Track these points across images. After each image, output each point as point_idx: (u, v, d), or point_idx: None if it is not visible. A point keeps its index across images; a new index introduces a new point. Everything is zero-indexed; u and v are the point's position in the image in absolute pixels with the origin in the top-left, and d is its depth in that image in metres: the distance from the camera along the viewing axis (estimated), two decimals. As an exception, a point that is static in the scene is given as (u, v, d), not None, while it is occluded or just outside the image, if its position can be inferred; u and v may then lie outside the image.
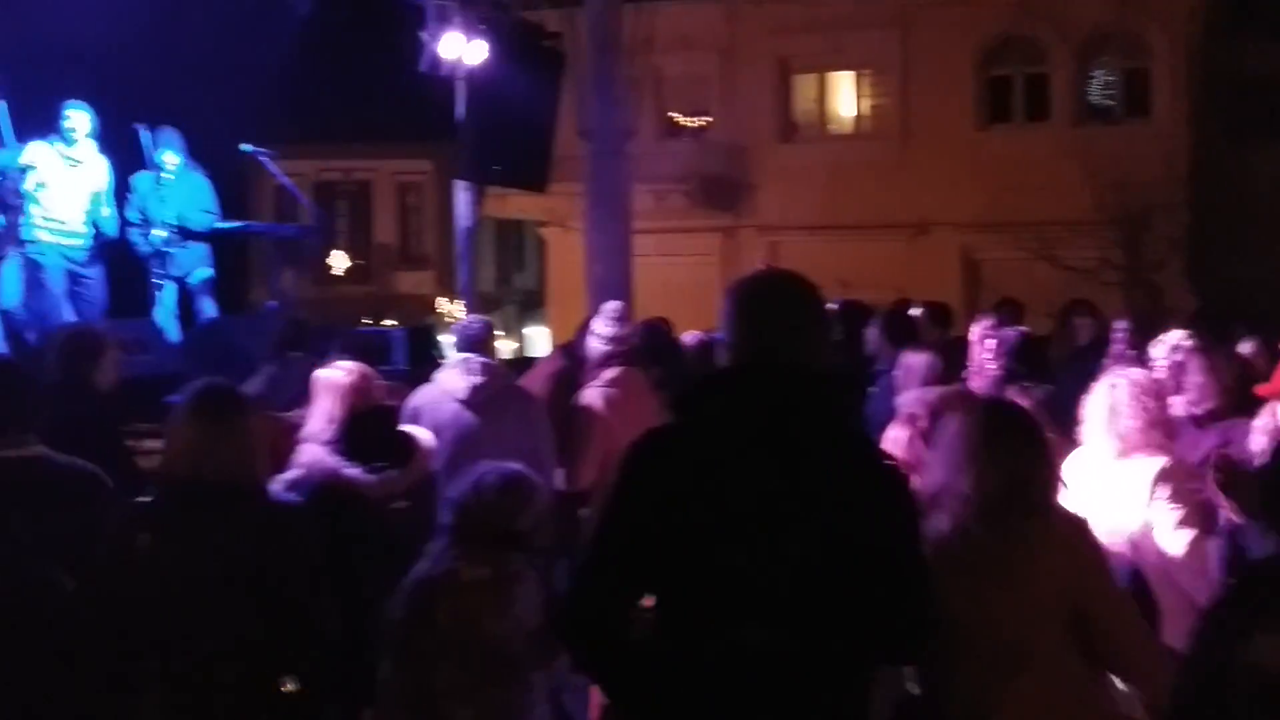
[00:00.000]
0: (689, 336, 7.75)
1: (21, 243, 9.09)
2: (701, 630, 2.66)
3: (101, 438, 5.09)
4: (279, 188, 12.43)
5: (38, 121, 9.20)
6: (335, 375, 4.99)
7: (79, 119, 9.11)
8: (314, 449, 4.79)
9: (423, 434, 5.21)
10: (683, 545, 2.65)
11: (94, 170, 9.24)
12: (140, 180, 9.78)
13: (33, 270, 9.15)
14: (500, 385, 5.81)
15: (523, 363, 8.15)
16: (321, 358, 5.97)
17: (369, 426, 4.95)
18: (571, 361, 6.96)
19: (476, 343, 5.82)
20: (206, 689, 3.54)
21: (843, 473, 2.71)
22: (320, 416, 4.89)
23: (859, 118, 22.48)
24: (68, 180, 9.09)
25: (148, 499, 3.72)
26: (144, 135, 9.84)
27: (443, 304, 29.38)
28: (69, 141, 9.07)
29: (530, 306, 30.36)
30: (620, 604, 2.72)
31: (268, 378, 5.85)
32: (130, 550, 3.60)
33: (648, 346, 6.52)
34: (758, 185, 22.01)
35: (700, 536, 2.65)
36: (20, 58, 9.09)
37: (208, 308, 10.37)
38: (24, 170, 8.98)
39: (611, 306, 6.33)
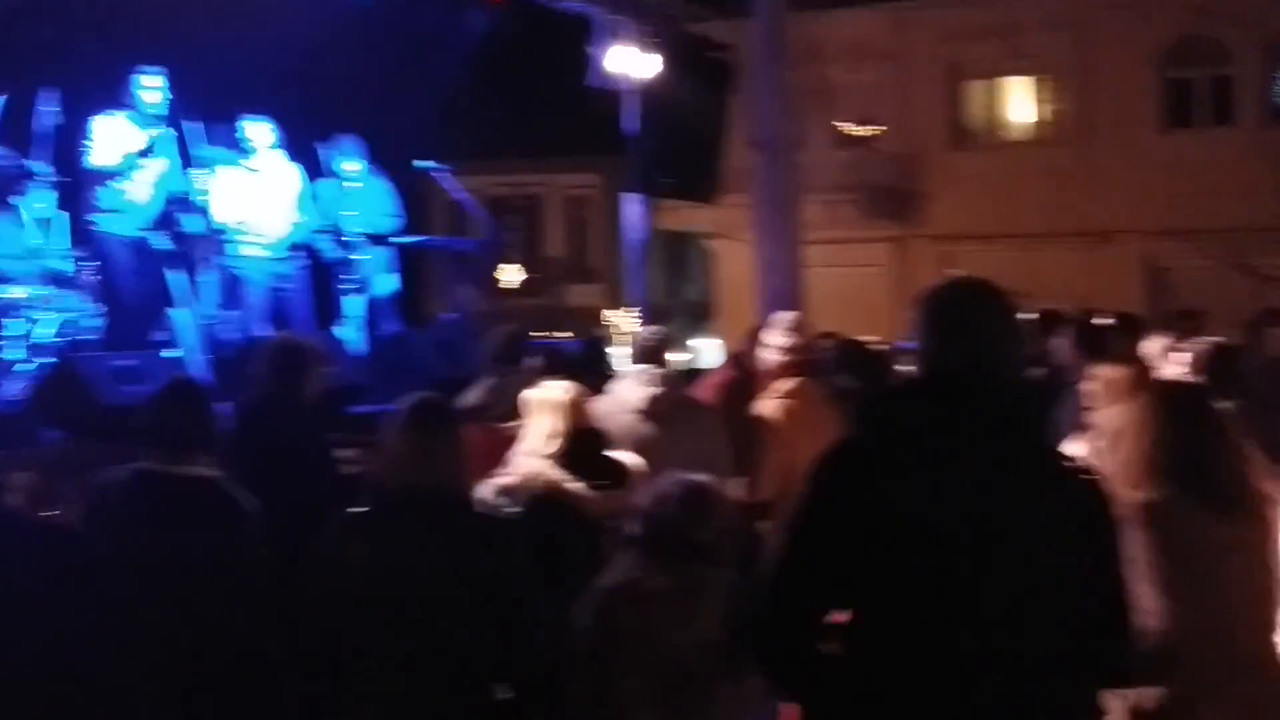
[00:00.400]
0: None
1: (219, 255, 9.48)
2: (901, 646, 2.59)
3: (312, 449, 5.26)
4: (453, 203, 12.70)
5: (224, 137, 9.59)
6: (554, 393, 5.06)
7: (256, 131, 9.44)
8: (535, 462, 4.88)
9: (629, 457, 5.23)
10: (879, 560, 2.59)
11: (281, 180, 9.56)
12: (324, 188, 10.07)
13: (230, 282, 9.52)
14: (677, 397, 5.81)
15: (692, 374, 8.16)
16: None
17: (589, 445, 5.04)
18: (741, 372, 6.93)
19: (653, 354, 5.83)
20: (420, 697, 3.59)
21: (1045, 487, 2.62)
22: (540, 432, 4.97)
23: (1034, 123, 21.95)
24: (255, 191, 9.42)
25: (361, 509, 3.78)
26: (321, 147, 10.14)
27: (611, 316, 29.61)
28: (248, 153, 9.43)
29: (698, 318, 30.35)
30: (810, 619, 2.66)
31: (487, 389, 5.93)
32: (345, 560, 3.68)
33: (844, 358, 6.44)
34: (929, 194, 21.66)
35: (898, 551, 2.58)
36: (204, 76, 9.46)
37: (390, 320, 10.64)
38: (207, 191, 9.40)
39: (786, 317, 6.29)
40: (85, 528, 4.01)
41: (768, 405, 5.97)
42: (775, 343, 6.12)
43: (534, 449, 4.91)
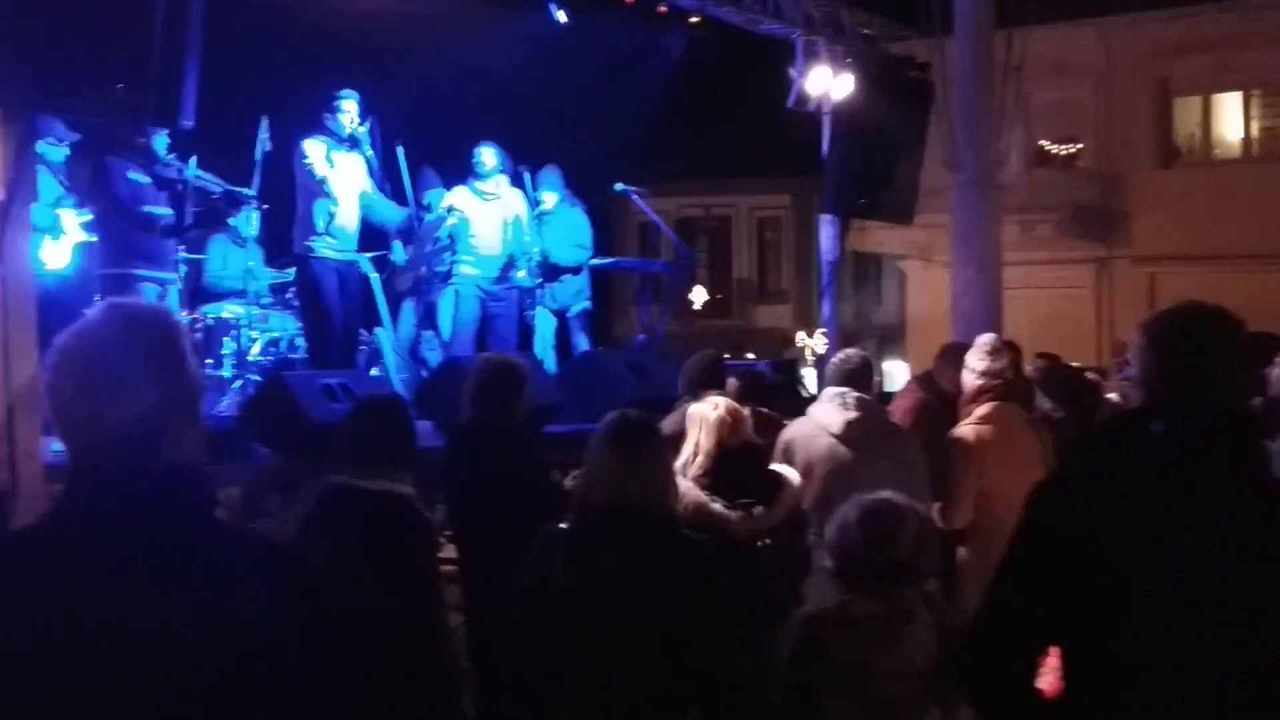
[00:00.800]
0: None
1: (448, 279, 9.76)
2: (1121, 688, 2.45)
3: (529, 466, 5.29)
4: (644, 224, 12.76)
5: (445, 164, 9.85)
6: (704, 409, 5.04)
7: (488, 155, 9.68)
8: (682, 482, 4.81)
9: (791, 473, 5.18)
10: (1097, 598, 2.46)
11: (509, 203, 9.77)
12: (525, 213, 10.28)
13: (456, 303, 9.80)
14: (876, 421, 5.68)
15: (883, 398, 7.99)
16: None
17: (738, 462, 4.98)
18: (931, 394, 6.75)
19: (853, 377, 5.70)
20: (618, 714, 3.59)
21: (1276, 523, 2.46)
22: (690, 449, 4.95)
23: (1247, 140, 21.03)
24: (486, 215, 9.65)
25: (563, 526, 3.81)
26: (526, 176, 10.34)
27: (801, 337, 29.41)
28: (483, 177, 9.65)
29: (888, 341, 29.95)
30: (1026, 657, 2.56)
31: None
32: (548, 576, 3.70)
33: (1050, 383, 6.22)
34: (1134, 214, 20.94)
35: (1119, 590, 2.44)
36: (420, 107, 9.73)
37: (582, 341, 10.73)
38: (446, 213, 9.68)
39: (986, 340, 6.08)
40: (291, 541, 4.09)
41: (965, 430, 5.82)
42: (974, 366, 5.94)
43: (682, 466, 4.87)
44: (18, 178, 5.84)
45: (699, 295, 31.31)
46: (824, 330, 13.81)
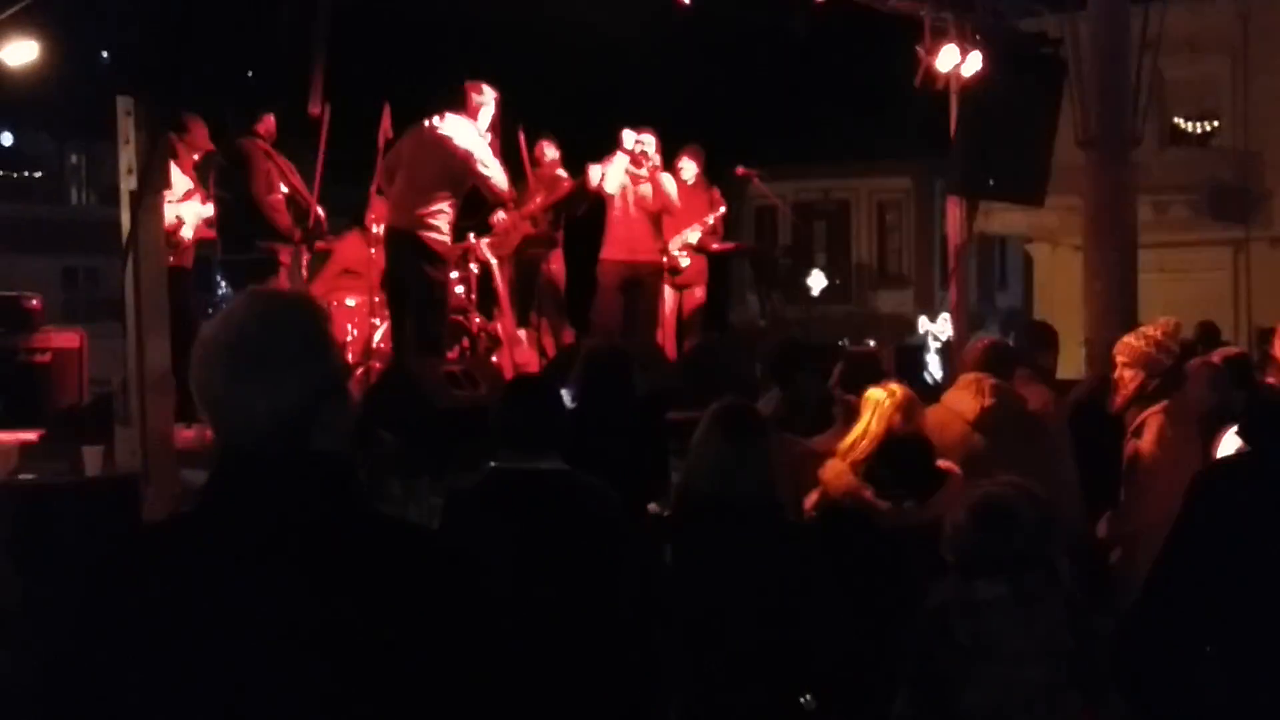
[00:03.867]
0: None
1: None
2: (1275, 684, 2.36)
3: (648, 448, 5.23)
4: (762, 208, 12.65)
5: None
6: (879, 394, 4.98)
7: (646, 139, 9.58)
8: (838, 465, 4.82)
9: (957, 472, 5.03)
10: (1261, 588, 2.38)
11: (662, 187, 9.68)
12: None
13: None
14: (1013, 409, 5.49)
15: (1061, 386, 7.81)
16: (821, 378, 5.90)
17: (904, 452, 4.91)
18: (1093, 386, 6.54)
19: (992, 362, 5.57)
20: (731, 702, 3.57)
21: None
22: (858, 431, 4.91)
23: (1391, 116, 20.20)
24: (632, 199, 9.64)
25: (667, 512, 3.80)
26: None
27: (923, 322, 28.97)
28: (636, 163, 9.60)
29: (1013, 326, 29.38)
30: (1184, 649, 2.48)
31: (772, 401, 5.82)
32: (655, 561, 3.67)
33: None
34: (1274, 193, 20.26)
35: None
36: (543, 89, 9.72)
37: (700, 327, 10.66)
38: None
39: (1159, 326, 5.77)
40: (442, 530, 4.05)
41: (1149, 434, 5.45)
42: (1152, 345, 5.60)
43: (842, 450, 4.84)
44: (150, 167, 5.91)
45: (817, 280, 31.02)
46: (948, 315, 13.51)
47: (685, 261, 10.38)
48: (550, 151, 10.30)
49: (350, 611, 1.75)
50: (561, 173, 10.25)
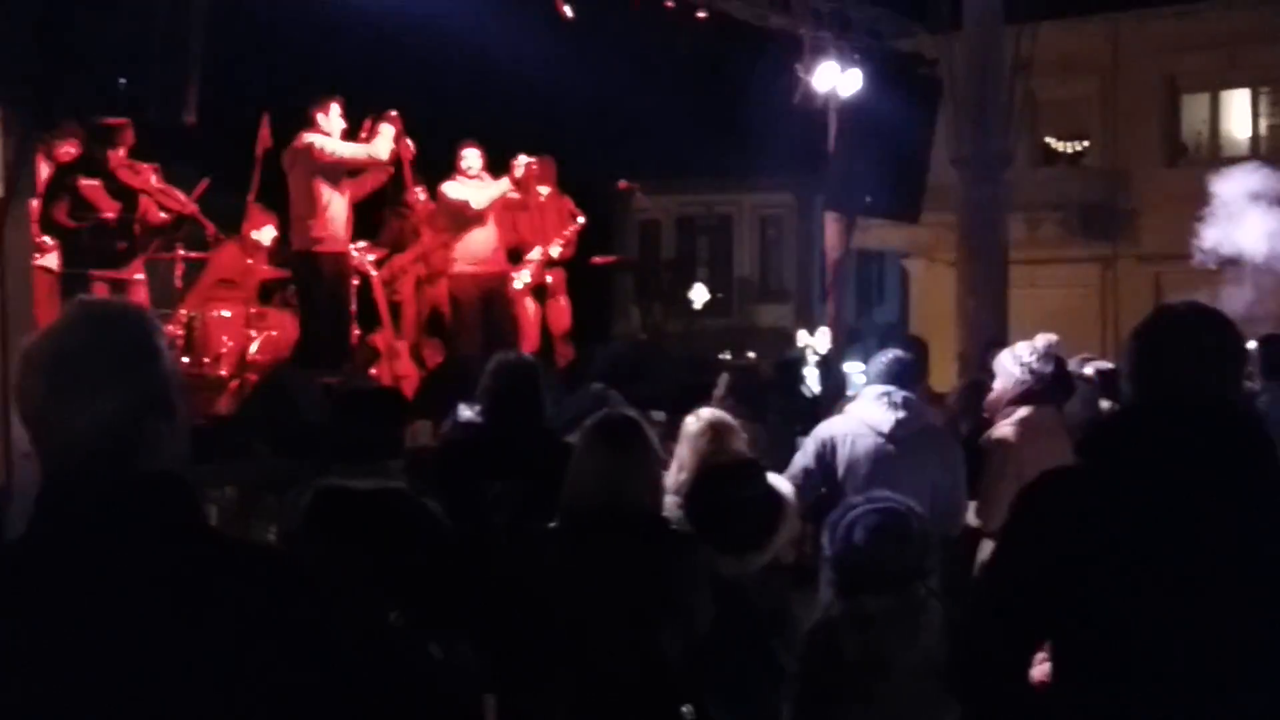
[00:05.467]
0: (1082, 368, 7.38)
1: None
2: (1111, 687, 2.41)
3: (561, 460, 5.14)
4: (645, 222, 12.72)
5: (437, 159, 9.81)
6: (688, 421, 4.84)
7: (472, 156, 9.63)
8: (671, 500, 4.47)
9: (789, 495, 4.59)
10: (1090, 594, 2.42)
11: (489, 202, 9.70)
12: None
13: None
14: (923, 422, 5.56)
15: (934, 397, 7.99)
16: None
17: (726, 482, 4.46)
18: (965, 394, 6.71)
19: (900, 376, 5.55)
20: (612, 714, 3.57)
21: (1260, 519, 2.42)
22: (675, 465, 4.74)
23: (1255, 137, 20.93)
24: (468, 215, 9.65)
25: (552, 524, 3.78)
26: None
27: (802, 336, 29.30)
28: (469, 179, 9.61)
29: (890, 340, 29.87)
30: (1014, 654, 2.52)
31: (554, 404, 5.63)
32: (538, 572, 3.67)
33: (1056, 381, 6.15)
34: (1140, 212, 20.84)
35: (1112, 585, 2.40)
36: (422, 102, 9.68)
37: (574, 340, 10.73)
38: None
39: (1040, 341, 5.99)
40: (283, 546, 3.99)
41: (1004, 430, 5.75)
42: (1014, 367, 5.85)
43: (672, 487, 4.57)
44: (18, 174, 5.77)
45: (699, 294, 31.21)
46: (827, 329, 13.70)
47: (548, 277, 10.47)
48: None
49: (187, 636, 1.67)
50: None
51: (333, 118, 8.73)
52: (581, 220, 10.59)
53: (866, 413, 5.50)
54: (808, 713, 3.72)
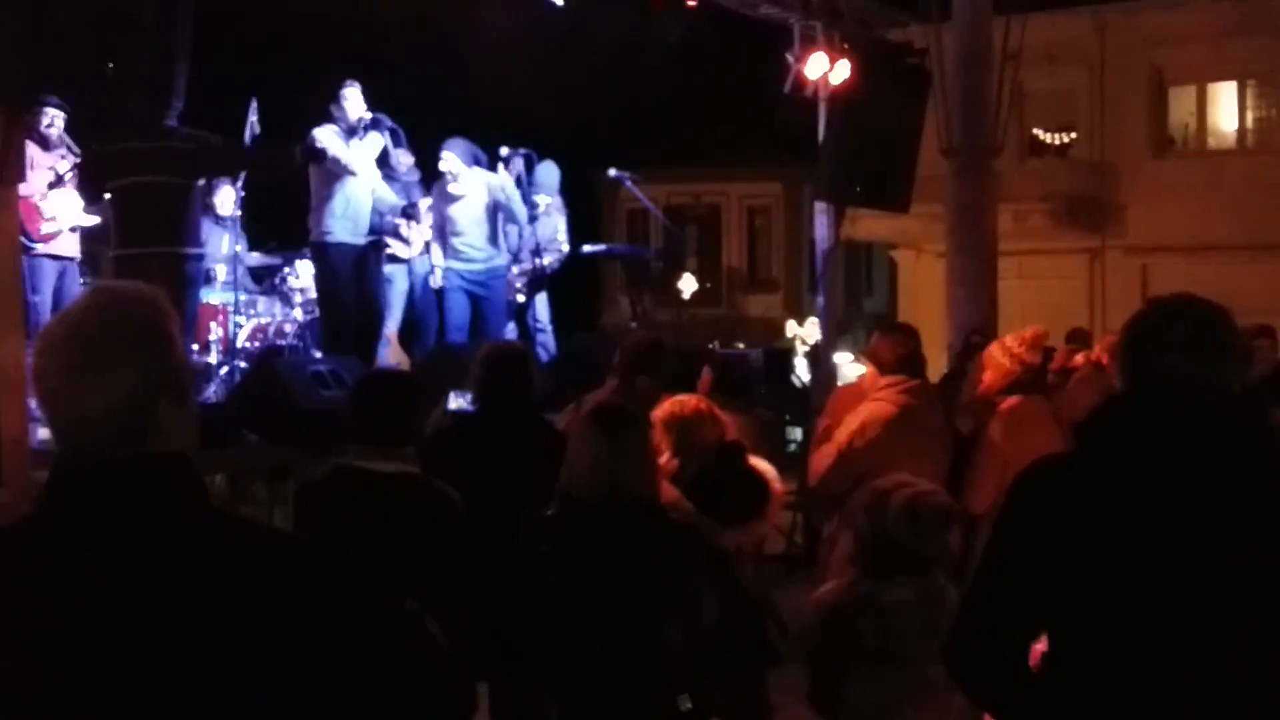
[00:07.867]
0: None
1: (418, 265, 9.90)
2: (1109, 672, 2.44)
3: (551, 448, 5.13)
4: (634, 211, 12.76)
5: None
6: (667, 407, 4.73)
7: (450, 155, 9.63)
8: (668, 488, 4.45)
9: (775, 479, 4.69)
10: (1085, 580, 2.45)
11: (480, 196, 9.67)
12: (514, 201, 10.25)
13: (424, 290, 9.89)
14: (926, 407, 5.68)
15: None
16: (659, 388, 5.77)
17: (721, 466, 4.53)
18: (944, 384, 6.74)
19: (903, 363, 5.69)
20: (609, 703, 3.58)
21: (1269, 506, 2.43)
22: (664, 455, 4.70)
23: (1242, 130, 21.00)
24: (458, 209, 9.59)
25: (548, 512, 3.78)
26: (519, 163, 10.27)
27: (791, 326, 29.33)
28: (448, 176, 9.63)
29: (879, 330, 29.90)
30: (1012, 640, 2.55)
31: (604, 392, 5.68)
32: (533, 560, 3.67)
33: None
34: (1127, 204, 20.90)
35: (1107, 572, 2.43)
36: (398, 88, 9.71)
37: (570, 330, 10.77)
38: (414, 204, 9.77)
39: (1030, 332, 6.05)
40: (296, 526, 4.00)
41: (993, 422, 5.83)
42: (1005, 356, 5.92)
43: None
44: (6, 159, 5.73)
45: (688, 284, 31.16)
46: (816, 319, 13.70)
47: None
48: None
49: (196, 618, 1.70)
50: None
51: (351, 103, 8.89)
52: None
53: (881, 394, 5.64)
54: (821, 695, 3.74)
